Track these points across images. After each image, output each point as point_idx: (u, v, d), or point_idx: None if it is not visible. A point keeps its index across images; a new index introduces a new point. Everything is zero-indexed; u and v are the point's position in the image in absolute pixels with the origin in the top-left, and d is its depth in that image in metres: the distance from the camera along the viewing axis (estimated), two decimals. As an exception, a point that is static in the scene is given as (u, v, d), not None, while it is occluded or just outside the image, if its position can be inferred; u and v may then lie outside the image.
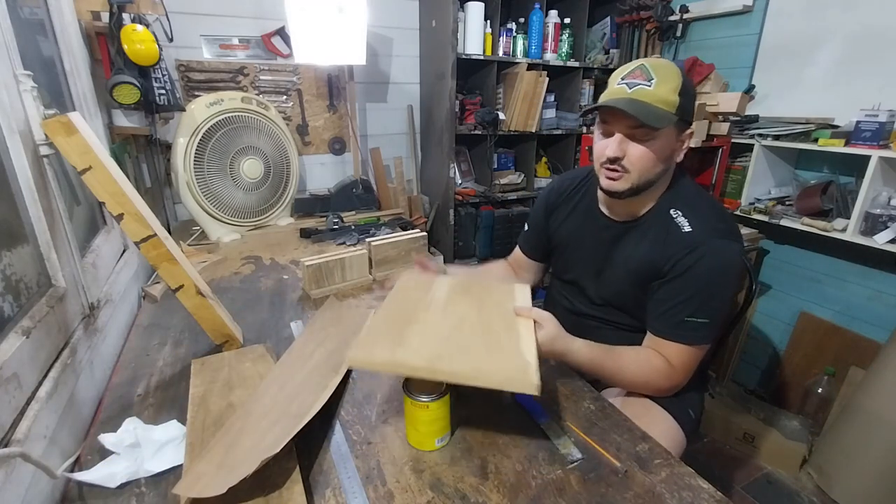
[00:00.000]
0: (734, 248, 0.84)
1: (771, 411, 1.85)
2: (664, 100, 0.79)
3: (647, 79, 0.79)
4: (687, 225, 0.86)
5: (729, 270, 0.84)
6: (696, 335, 0.84)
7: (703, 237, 0.84)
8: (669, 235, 0.87)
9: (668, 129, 0.80)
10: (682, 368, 0.86)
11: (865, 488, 1.48)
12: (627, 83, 0.80)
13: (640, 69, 0.81)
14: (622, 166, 0.83)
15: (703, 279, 0.83)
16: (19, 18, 0.90)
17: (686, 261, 0.84)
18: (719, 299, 0.84)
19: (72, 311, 0.83)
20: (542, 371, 0.63)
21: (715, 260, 0.83)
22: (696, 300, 0.83)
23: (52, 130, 0.76)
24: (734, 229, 0.88)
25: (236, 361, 0.87)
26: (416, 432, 0.68)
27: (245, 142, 1.64)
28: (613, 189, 0.86)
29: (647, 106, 0.78)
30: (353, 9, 1.72)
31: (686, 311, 0.84)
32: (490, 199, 2.31)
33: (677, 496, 0.61)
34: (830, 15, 1.73)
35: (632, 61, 0.84)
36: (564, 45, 2.27)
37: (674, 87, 0.79)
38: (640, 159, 0.82)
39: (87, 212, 1.13)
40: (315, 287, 1.19)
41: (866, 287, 1.76)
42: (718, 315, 0.84)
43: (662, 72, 0.79)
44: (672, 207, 0.88)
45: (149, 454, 0.65)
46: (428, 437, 0.68)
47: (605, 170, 0.86)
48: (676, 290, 0.85)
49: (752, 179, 1.88)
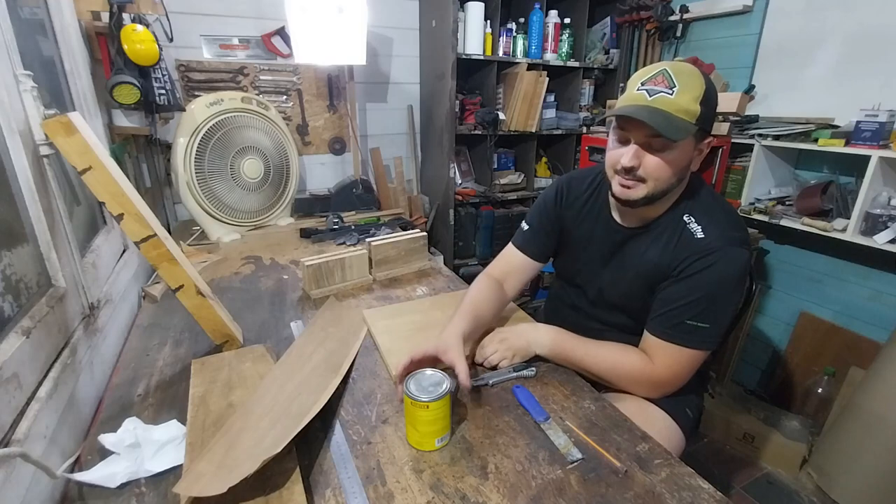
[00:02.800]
0: (745, 256, 0.83)
1: (771, 411, 1.85)
2: (685, 109, 0.76)
3: (669, 86, 0.76)
4: (700, 231, 0.85)
5: (739, 279, 0.83)
6: (692, 338, 0.83)
7: (717, 244, 0.82)
8: (682, 241, 0.86)
9: (686, 139, 0.78)
10: (666, 368, 0.85)
11: (865, 488, 1.48)
12: (648, 90, 0.77)
13: (662, 75, 0.77)
14: (637, 176, 0.81)
15: (712, 285, 0.82)
16: (19, 18, 0.90)
17: (697, 265, 0.83)
18: (724, 306, 0.83)
19: (72, 311, 0.83)
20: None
21: (728, 267, 0.82)
22: (701, 304, 0.82)
23: (52, 130, 0.76)
24: (747, 238, 0.86)
25: (236, 361, 0.87)
26: (416, 432, 0.68)
27: (245, 142, 1.64)
28: (627, 197, 0.84)
29: (667, 116, 0.75)
30: (353, 9, 1.72)
31: (688, 314, 0.83)
32: (490, 199, 2.31)
33: (677, 496, 0.61)
34: (830, 15, 1.73)
35: (654, 64, 0.81)
36: (564, 45, 2.27)
37: (696, 96, 0.77)
38: (655, 170, 0.80)
39: (87, 212, 1.13)
40: (315, 287, 1.19)
41: (866, 287, 1.76)
42: (721, 322, 0.83)
43: (685, 79, 0.77)
44: (686, 213, 0.87)
45: (149, 454, 0.65)
46: (428, 437, 0.68)
47: (619, 178, 0.84)
48: (682, 293, 0.84)
49: (752, 179, 1.88)
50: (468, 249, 2.34)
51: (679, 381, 0.86)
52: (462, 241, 2.30)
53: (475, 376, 0.85)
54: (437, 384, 0.69)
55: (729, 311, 0.84)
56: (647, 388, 0.88)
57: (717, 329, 0.83)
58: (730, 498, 0.60)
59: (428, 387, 0.68)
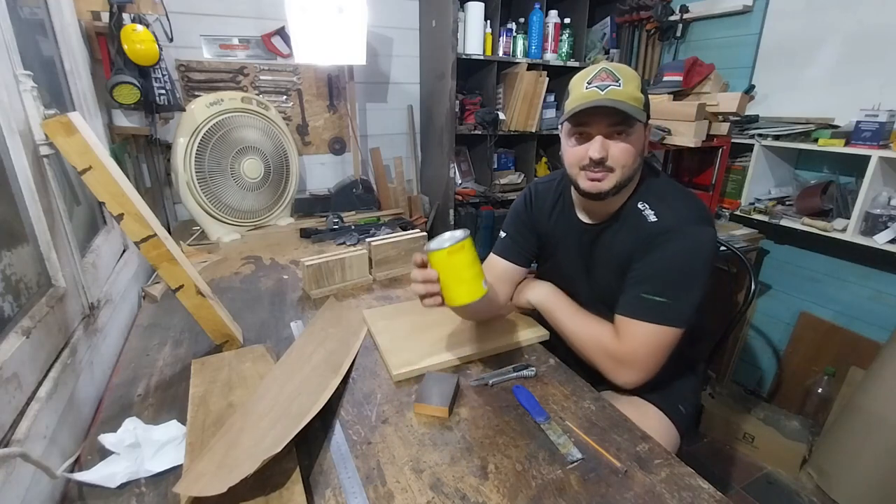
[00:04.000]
0: (707, 232, 0.85)
1: (771, 411, 1.85)
2: (634, 97, 0.81)
3: (615, 80, 0.81)
4: (653, 216, 0.87)
5: (698, 253, 0.84)
6: (650, 313, 0.83)
7: (670, 224, 0.85)
8: (638, 227, 0.88)
9: (639, 124, 0.83)
10: (625, 343, 0.85)
11: (865, 488, 1.48)
12: (598, 86, 0.81)
13: (605, 71, 0.82)
14: (606, 166, 0.84)
15: (668, 259, 0.83)
16: (19, 18, 0.90)
17: (651, 245, 0.85)
18: (683, 281, 0.83)
19: (72, 311, 0.83)
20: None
21: (684, 242, 0.83)
22: (659, 278, 0.83)
23: (52, 130, 0.76)
24: (704, 216, 0.88)
25: (236, 361, 0.87)
26: (463, 284, 0.65)
27: (245, 142, 1.64)
28: (598, 190, 0.86)
29: (624, 104, 0.80)
30: (353, 9, 1.72)
31: (643, 288, 0.84)
32: (490, 199, 2.31)
33: (677, 496, 0.61)
34: (830, 15, 1.73)
35: (587, 67, 0.86)
36: (564, 45, 2.27)
37: (637, 85, 0.82)
38: (622, 156, 0.84)
39: (87, 212, 1.13)
40: (315, 287, 1.19)
41: (866, 287, 1.76)
42: (682, 298, 0.83)
43: (625, 72, 0.82)
44: (640, 201, 0.90)
45: (149, 454, 0.65)
46: (475, 282, 0.65)
47: (587, 173, 0.86)
48: (640, 269, 0.86)
49: (752, 179, 1.88)
50: (468, 249, 2.34)
51: (642, 360, 0.85)
52: (462, 241, 2.30)
53: (475, 376, 0.86)
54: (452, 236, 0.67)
55: (691, 287, 0.83)
56: (610, 363, 0.87)
57: (678, 304, 0.83)
58: (730, 498, 0.60)
59: (448, 238, 0.67)
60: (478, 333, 0.97)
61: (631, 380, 0.86)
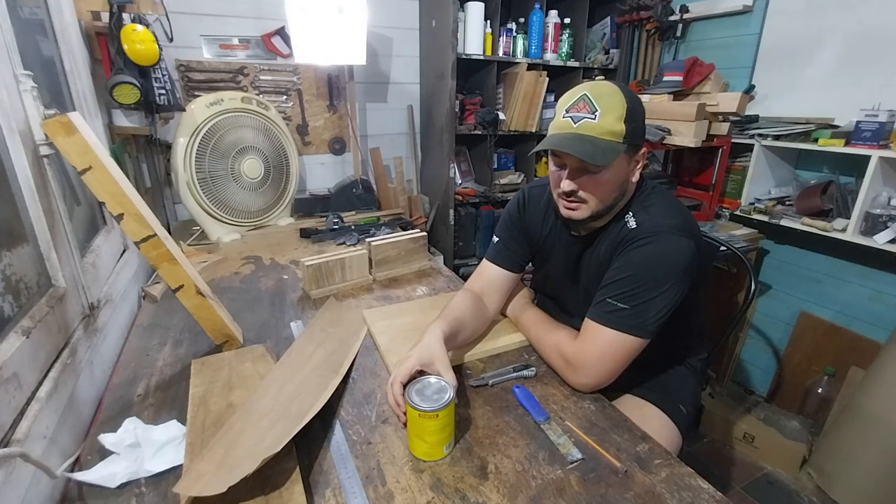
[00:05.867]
0: (680, 242, 0.81)
1: (771, 411, 1.85)
2: (610, 131, 0.78)
3: (591, 111, 0.78)
4: (633, 222, 0.87)
5: (666, 261, 0.80)
6: (609, 318, 0.81)
7: (647, 230, 0.84)
8: (619, 234, 0.88)
9: (618, 158, 0.79)
10: (580, 345, 0.83)
11: (865, 488, 1.48)
12: (572, 117, 0.79)
13: (583, 100, 0.79)
14: (579, 197, 0.84)
15: (636, 264, 0.82)
16: (19, 18, 0.90)
17: (625, 249, 0.85)
18: (649, 290, 0.80)
19: (72, 311, 0.83)
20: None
21: (654, 248, 0.81)
22: (622, 284, 0.82)
23: (52, 130, 0.76)
24: (687, 227, 0.84)
25: (236, 361, 0.87)
26: (424, 443, 0.65)
27: (245, 142, 1.64)
28: (574, 218, 0.87)
29: (593, 141, 0.77)
30: (353, 9, 1.72)
31: (608, 293, 0.83)
32: (490, 199, 2.31)
33: (677, 496, 0.61)
34: (830, 15, 1.73)
35: (576, 87, 0.82)
36: (564, 45, 2.27)
37: (619, 115, 0.78)
38: (594, 191, 0.83)
39: (87, 212, 1.13)
40: (315, 287, 1.19)
41: (866, 287, 1.76)
42: (644, 307, 0.79)
43: (606, 101, 0.78)
44: (628, 213, 0.89)
45: (149, 454, 0.65)
46: (437, 446, 0.66)
47: (563, 200, 0.86)
48: (610, 274, 0.85)
49: (752, 179, 1.88)
50: (468, 249, 2.34)
51: (592, 364, 0.81)
52: (462, 241, 2.30)
53: (475, 376, 0.86)
54: (440, 391, 0.67)
55: (656, 297, 0.80)
56: (561, 364, 0.85)
57: (639, 313, 0.80)
58: (730, 498, 0.60)
59: (432, 395, 0.66)
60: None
61: (581, 382, 0.82)
